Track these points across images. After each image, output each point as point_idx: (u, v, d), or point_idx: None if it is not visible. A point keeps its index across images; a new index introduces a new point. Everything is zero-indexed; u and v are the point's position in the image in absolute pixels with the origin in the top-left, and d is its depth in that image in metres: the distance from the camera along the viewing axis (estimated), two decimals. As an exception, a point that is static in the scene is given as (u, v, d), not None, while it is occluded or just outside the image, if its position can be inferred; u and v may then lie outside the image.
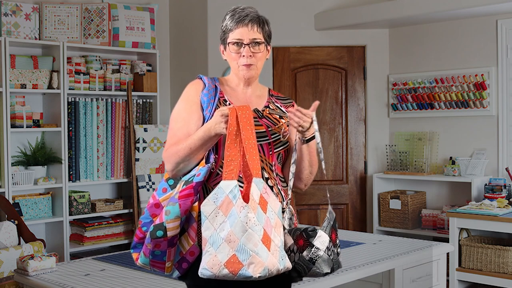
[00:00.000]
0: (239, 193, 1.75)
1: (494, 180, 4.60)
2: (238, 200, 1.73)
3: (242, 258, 1.68)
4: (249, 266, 1.68)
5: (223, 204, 1.73)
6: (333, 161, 5.31)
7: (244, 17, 2.00)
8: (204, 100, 1.99)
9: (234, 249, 1.69)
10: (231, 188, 1.75)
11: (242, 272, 1.68)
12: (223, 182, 1.77)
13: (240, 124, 1.80)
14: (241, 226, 1.70)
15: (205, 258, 1.72)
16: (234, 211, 1.72)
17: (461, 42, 4.90)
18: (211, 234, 1.72)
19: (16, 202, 4.28)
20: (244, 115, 1.81)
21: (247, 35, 1.99)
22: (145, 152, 4.85)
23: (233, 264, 1.68)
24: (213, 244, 1.71)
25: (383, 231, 5.13)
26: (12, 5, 4.39)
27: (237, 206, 1.73)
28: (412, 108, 5.14)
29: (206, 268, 1.70)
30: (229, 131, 1.80)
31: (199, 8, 5.23)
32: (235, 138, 1.80)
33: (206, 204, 1.75)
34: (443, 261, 3.27)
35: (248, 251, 1.68)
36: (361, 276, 2.79)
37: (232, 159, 1.79)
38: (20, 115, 4.33)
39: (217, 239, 1.71)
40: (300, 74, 5.30)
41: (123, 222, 4.84)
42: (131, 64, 5.03)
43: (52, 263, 2.81)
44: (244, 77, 2.03)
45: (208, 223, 1.73)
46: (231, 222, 1.71)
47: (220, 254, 1.69)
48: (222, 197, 1.74)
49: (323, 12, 5.17)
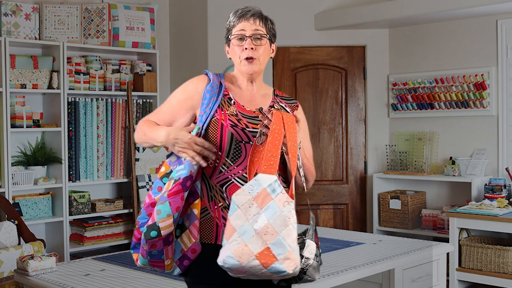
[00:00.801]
0: (281, 188, 1.76)
1: (494, 180, 4.60)
2: (281, 195, 1.74)
3: (277, 252, 1.68)
4: (284, 261, 1.67)
5: (259, 196, 1.74)
6: (333, 161, 5.31)
7: (247, 12, 2.02)
8: (206, 97, 1.99)
9: (270, 242, 1.68)
10: (270, 182, 1.76)
11: (275, 266, 1.67)
12: (261, 174, 1.78)
13: (285, 125, 1.85)
14: (282, 220, 1.70)
15: (231, 247, 1.69)
16: (273, 205, 1.72)
17: (461, 42, 4.90)
18: (242, 223, 1.71)
19: (16, 202, 4.28)
20: (289, 119, 1.87)
21: (250, 27, 2.00)
22: (145, 152, 4.85)
23: (266, 257, 1.67)
24: (243, 234, 1.70)
25: (383, 231, 5.13)
26: (12, 5, 4.39)
27: (278, 200, 1.73)
28: (412, 108, 5.14)
29: (233, 256, 1.68)
30: (272, 129, 1.83)
31: (199, 8, 5.23)
32: (277, 136, 1.83)
33: (240, 193, 1.75)
34: (443, 261, 3.27)
35: (286, 246, 1.68)
36: (361, 276, 2.79)
37: (273, 155, 1.81)
38: (20, 115, 4.33)
39: (249, 229, 1.70)
40: (300, 74, 5.30)
41: (123, 222, 4.84)
42: (131, 64, 5.03)
43: (52, 263, 2.81)
44: (247, 72, 2.02)
45: (240, 212, 1.73)
46: (270, 215, 1.71)
47: (251, 244, 1.68)
48: (258, 189, 1.75)
49: (323, 12, 5.17)
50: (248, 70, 2.02)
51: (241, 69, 2.03)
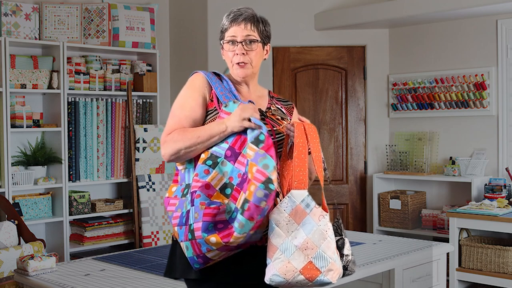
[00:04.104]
0: (314, 202, 1.82)
1: (494, 180, 4.60)
2: (315, 209, 1.81)
3: (319, 265, 1.76)
4: (328, 273, 1.75)
5: (294, 213, 1.80)
6: (333, 161, 5.31)
7: (238, 16, 2.02)
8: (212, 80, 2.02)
9: (311, 256, 1.76)
10: (304, 197, 1.82)
11: (320, 278, 1.75)
12: (294, 191, 1.83)
13: (308, 137, 1.90)
14: (320, 234, 1.78)
15: (275, 265, 1.76)
16: (309, 220, 1.79)
17: (461, 42, 4.90)
18: (282, 241, 1.78)
19: (16, 202, 4.28)
20: (311, 129, 1.93)
21: (241, 32, 2.01)
22: (145, 152, 4.85)
23: (309, 271, 1.75)
24: (284, 251, 1.76)
25: (383, 231, 5.13)
26: (12, 5, 4.39)
27: (313, 214, 1.80)
28: (412, 108, 5.14)
29: (278, 274, 1.75)
30: (296, 142, 1.89)
31: (199, 8, 5.23)
32: (302, 149, 1.88)
33: (276, 212, 1.80)
34: (443, 261, 3.27)
35: (327, 259, 1.76)
36: (361, 276, 2.79)
37: (301, 169, 1.86)
38: (20, 115, 4.33)
39: (289, 246, 1.77)
40: (300, 74, 5.30)
41: (123, 222, 4.84)
42: (131, 64, 5.03)
43: (52, 263, 2.81)
44: (239, 75, 2.04)
45: (279, 230, 1.79)
46: (308, 230, 1.78)
47: (294, 261, 1.75)
48: (293, 205, 1.81)
49: (323, 12, 5.17)
50: (240, 74, 2.04)
51: (234, 73, 2.06)
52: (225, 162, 1.87)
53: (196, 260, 1.86)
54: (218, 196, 1.84)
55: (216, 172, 1.86)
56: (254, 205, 1.75)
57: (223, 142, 1.89)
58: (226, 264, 1.89)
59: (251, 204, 1.76)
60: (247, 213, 1.76)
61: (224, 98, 1.97)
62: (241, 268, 1.91)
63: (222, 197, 1.84)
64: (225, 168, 1.86)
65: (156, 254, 3.19)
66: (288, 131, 1.95)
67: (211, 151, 1.90)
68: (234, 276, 1.91)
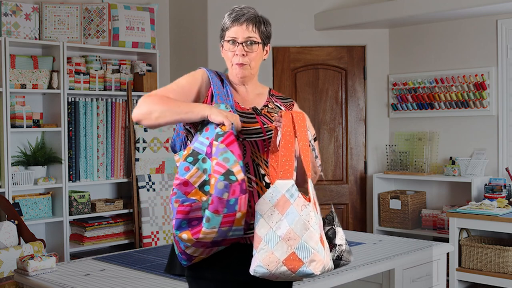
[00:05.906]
0: (298, 192, 1.79)
1: (494, 180, 4.60)
2: (298, 199, 1.77)
3: (302, 255, 1.72)
4: (310, 264, 1.71)
5: (279, 203, 1.77)
6: (333, 161, 5.31)
7: (240, 16, 2.01)
8: (213, 80, 2.02)
9: (293, 246, 1.72)
10: (288, 187, 1.79)
11: (303, 269, 1.71)
12: (279, 181, 1.81)
13: (295, 125, 1.86)
14: (302, 224, 1.74)
15: (259, 256, 1.74)
16: (293, 210, 1.76)
17: (461, 42, 4.90)
18: (266, 232, 1.75)
19: (16, 202, 4.28)
20: (299, 117, 1.88)
21: (242, 33, 2.00)
22: (145, 152, 4.85)
23: (292, 262, 1.71)
24: (268, 242, 1.74)
25: (383, 231, 5.13)
26: (12, 5, 4.39)
27: (296, 204, 1.76)
28: (412, 108, 5.14)
29: (262, 265, 1.72)
30: (283, 132, 1.85)
31: (199, 8, 5.23)
32: (289, 139, 1.85)
33: (261, 203, 1.79)
34: (443, 261, 3.27)
35: (309, 249, 1.72)
36: (361, 276, 2.79)
37: (287, 159, 1.83)
38: (20, 115, 4.33)
39: (273, 237, 1.74)
40: (300, 74, 5.30)
41: (123, 222, 4.84)
42: (131, 64, 5.03)
43: (52, 263, 2.81)
44: (237, 76, 2.04)
45: (263, 221, 1.76)
46: (290, 220, 1.74)
47: (277, 251, 1.72)
48: (277, 196, 1.78)
49: (323, 12, 5.17)
50: (239, 74, 2.04)
51: (232, 73, 2.06)
52: (206, 159, 1.87)
53: (181, 257, 1.88)
54: (196, 193, 1.83)
55: (196, 169, 1.86)
56: (216, 197, 1.75)
57: (205, 138, 1.88)
58: (221, 261, 1.90)
59: (214, 197, 1.75)
60: (211, 206, 1.76)
61: (219, 99, 1.98)
62: (238, 264, 1.91)
63: (200, 194, 1.83)
64: (205, 165, 1.86)
65: (156, 254, 3.19)
66: (277, 123, 1.91)
67: (193, 147, 1.90)
68: (231, 272, 1.91)
